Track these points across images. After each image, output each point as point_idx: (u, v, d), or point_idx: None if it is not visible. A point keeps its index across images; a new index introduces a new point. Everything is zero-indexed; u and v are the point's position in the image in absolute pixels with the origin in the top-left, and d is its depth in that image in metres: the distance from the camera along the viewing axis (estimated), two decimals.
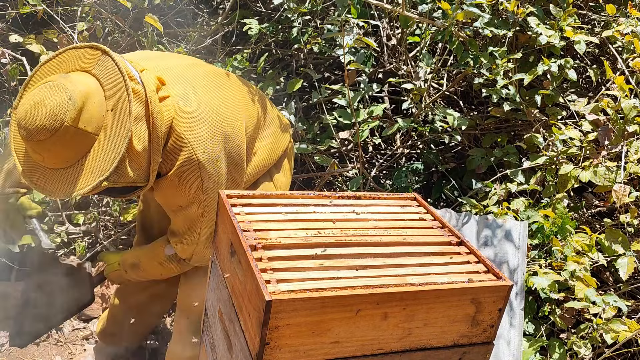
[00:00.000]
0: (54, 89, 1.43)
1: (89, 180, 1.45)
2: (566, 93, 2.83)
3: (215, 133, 1.64)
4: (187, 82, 1.68)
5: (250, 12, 3.27)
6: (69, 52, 1.54)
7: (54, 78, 1.47)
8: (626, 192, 2.19)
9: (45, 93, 1.43)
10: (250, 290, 1.14)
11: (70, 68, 1.53)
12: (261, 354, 1.11)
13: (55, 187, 1.47)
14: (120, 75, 1.47)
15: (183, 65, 1.77)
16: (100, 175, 1.44)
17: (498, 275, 1.27)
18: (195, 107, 1.63)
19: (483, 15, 2.53)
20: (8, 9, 3.12)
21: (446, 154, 3.04)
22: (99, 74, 1.50)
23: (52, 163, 1.46)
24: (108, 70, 1.48)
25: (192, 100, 1.63)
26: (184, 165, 1.61)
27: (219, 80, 1.80)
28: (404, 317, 1.19)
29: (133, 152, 1.49)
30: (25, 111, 1.43)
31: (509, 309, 2.06)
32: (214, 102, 1.68)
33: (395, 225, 1.41)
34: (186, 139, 1.60)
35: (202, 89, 1.69)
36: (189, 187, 1.64)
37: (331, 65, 3.35)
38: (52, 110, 1.40)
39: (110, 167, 1.43)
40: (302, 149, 2.71)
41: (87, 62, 1.52)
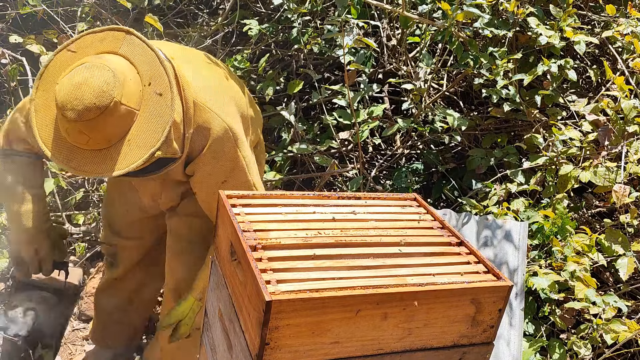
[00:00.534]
0: (93, 68, 1.44)
1: (140, 153, 1.46)
2: (566, 93, 2.83)
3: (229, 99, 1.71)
4: (189, 61, 1.72)
5: (250, 12, 3.27)
6: (86, 37, 1.55)
7: (87, 60, 1.47)
8: (626, 193, 2.19)
9: (85, 73, 1.43)
10: (250, 291, 1.14)
11: (93, 52, 1.53)
12: (261, 354, 1.11)
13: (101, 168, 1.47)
14: (151, 51, 1.50)
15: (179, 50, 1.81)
16: (152, 146, 1.46)
17: (498, 276, 1.27)
18: (205, 81, 1.68)
19: (483, 16, 2.53)
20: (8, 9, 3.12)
21: (446, 154, 3.04)
22: (127, 52, 1.52)
23: (97, 144, 1.46)
24: (136, 48, 1.51)
25: (200, 77, 1.68)
26: (217, 136, 1.64)
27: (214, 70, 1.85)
28: (404, 318, 1.19)
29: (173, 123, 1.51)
30: (68, 93, 1.42)
31: (508, 310, 2.06)
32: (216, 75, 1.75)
33: (395, 226, 1.41)
34: (210, 109, 1.63)
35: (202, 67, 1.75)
36: (227, 154, 1.67)
37: (331, 65, 3.35)
38: (99, 87, 1.41)
39: (162, 137, 1.45)
40: (302, 150, 2.71)
41: (111, 44, 1.53)
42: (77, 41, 1.55)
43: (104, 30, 1.54)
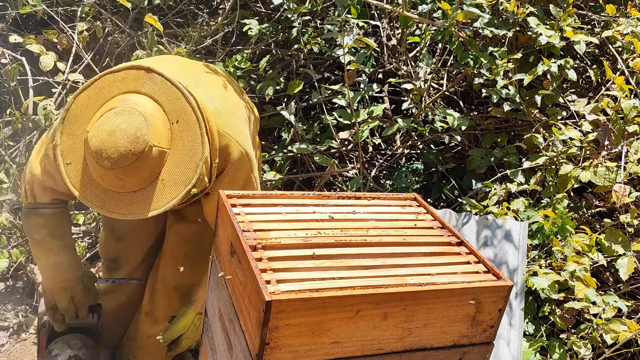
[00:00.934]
0: (124, 114, 1.45)
1: (175, 191, 1.49)
2: (566, 93, 2.83)
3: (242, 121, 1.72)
4: (198, 83, 1.71)
5: (250, 12, 3.27)
6: (105, 77, 1.56)
7: (115, 104, 1.48)
8: (626, 192, 2.19)
9: (116, 119, 1.45)
10: (250, 291, 1.14)
11: (114, 92, 1.54)
12: (261, 354, 1.11)
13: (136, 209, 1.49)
14: (174, 88, 1.52)
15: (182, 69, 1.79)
16: (187, 183, 1.48)
17: (498, 276, 1.27)
18: (220, 106, 1.68)
19: (483, 16, 2.53)
20: (8, 9, 3.12)
21: (446, 154, 3.04)
22: (150, 91, 1.53)
23: (132, 186, 1.48)
24: (159, 85, 1.53)
25: (214, 100, 1.67)
26: (236, 160, 1.65)
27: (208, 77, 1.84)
28: (404, 317, 1.19)
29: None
30: (102, 141, 1.43)
31: (508, 310, 2.06)
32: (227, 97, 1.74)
33: (395, 226, 1.41)
34: (228, 134, 1.64)
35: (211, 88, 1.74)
36: (242, 177, 1.69)
37: (331, 65, 3.35)
38: (134, 134, 1.43)
39: (196, 174, 1.48)
40: (302, 149, 2.71)
41: (133, 83, 1.54)
42: (97, 81, 1.56)
43: (123, 69, 1.56)
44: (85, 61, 2.92)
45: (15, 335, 2.58)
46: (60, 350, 1.90)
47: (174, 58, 2.01)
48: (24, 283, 2.77)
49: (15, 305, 2.69)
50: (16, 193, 2.71)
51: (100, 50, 3.15)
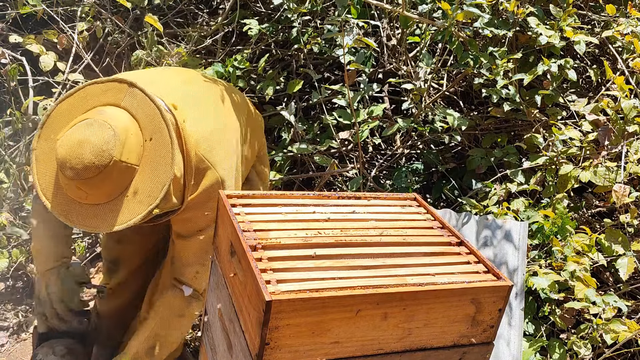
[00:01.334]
0: (95, 125, 1.44)
1: (138, 209, 1.47)
2: (566, 93, 2.83)
3: (228, 150, 1.69)
4: (195, 103, 1.70)
5: (250, 12, 3.27)
6: (89, 87, 1.56)
7: (90, 115, 1.48)
8: (626, 192, 2.19)
9: (87, 131, 1.44)
10: (250, 291, 1.14)
11: (95, 103, 1.54)
12: (261, 354, 1.11)
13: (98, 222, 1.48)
14: (153, 105, 1.50)
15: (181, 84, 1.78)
16: (150, 203, 1.46)
17: (498, 276, 1.27)
18: (208, 128, 1.66)
19: (483, 16, 2.53)
20: (8, 9, 3.12)
21: (446, 154, 3.04)
22: (129, 106, 1.52)
23: (96, 199, 1.47)
24: (138, 101, 1.51)
25: (204, 122, 1.66)
26: (209, 187, 1.64)
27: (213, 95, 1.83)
28: (404, 317, 1.19)
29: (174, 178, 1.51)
30: (68, 151, 1.43)
31: (508, 310, 2.06)
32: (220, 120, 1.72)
33: (395, 226, 1.41)
34: (208, 161, 1.63)
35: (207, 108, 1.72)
36: (211, 208, 1.66)
37: (331, 65, 3.35)
38: (99, 147, 1.42)
39: (160, 195, 1.46)
40: (302, 149, 2.70)
41: (114, 96, 1.54)
42: (81, 90, 1.56)
43: (107, 81, 1.55)
44: (85, 61, 2.92)
45: (15, 335, 2.58)
46: (43, 356, 1.88)
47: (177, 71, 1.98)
48: (24, 283, 2.77)
49: (15, 305, 2.69)
50: (16, 193, 2.71)
51: (100, 50, 3.15)
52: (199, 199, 1.64)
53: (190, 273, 1.75)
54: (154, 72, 1.98)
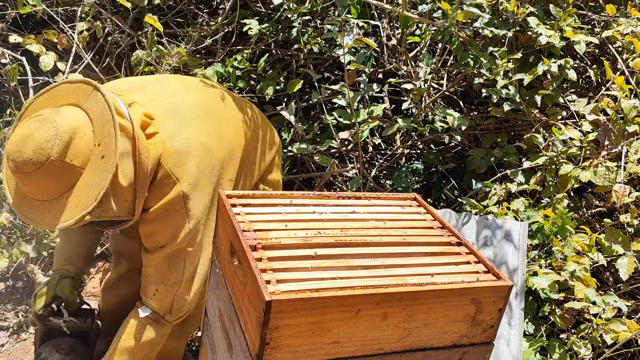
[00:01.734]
0: (42, 123, 1.46)
1: (73, 213, 1.47)
2: (566, 93, 2.83)
3: (204, 168, 1.66)
4: (177, 114, 1.68)
5: (250, 12, 3.27)
6: (62, 86, 1.58)
7: (44, 112, 1.50)
8: (626, 192, 2.19)
9: (34, 127, 1.46)
10: (250, 291, 1.14)
11: (63, 102, 1.56)
12: (261, 354, 1.11)
13: (41, 217, 1.50)
14: (108, 111, 1.49)
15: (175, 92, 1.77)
16: (84, 209, 1.46)
17: (498, 276, 1.27)
18: (183, 143, 1.64)
19: (483, 16, 2.53)
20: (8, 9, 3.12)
21: (446, 154, 3.04)
22: (88, 108, 1.53)
23: (39, 195, 1.49)
24: (98, 105, 1.51)
25: (181, 136, 1.65)
26: (170, 200, 1.63)
27: (209, 106, 1.80)
28: (404, 317, 1.19)
29: (118, 187, 1.51)
30: (14, 144, 1.46)
31: (508, 310, 2.06)
32: (202, 136, 1.69)
33: (395, 225, 1.41)
34: (174, 175, 1.62)
35: (192, 121, 1.70)
36: (172, 222, 1.65)
37: (331, 65, 3.35)
38: (39, 144, 1.43)
39: (94, 202, 1.46)
40: (302, 149, 2.70)
41: (79, 97, 1.55)
42: (55, 88, 1.58)
43: (77, 82, 1.56)
44: (85, 61, 2.92)
45: (15, 335, 2.58)
46: (48, 354, 1.88)
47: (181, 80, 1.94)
48: (24, 283, 2.77)
49: (15, 305, 2.69)
50: None
51: (100, 50, 3.16)
52: (158, 212, 1.63)
53: (150, 291, 1.73)
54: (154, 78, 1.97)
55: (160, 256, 1.69)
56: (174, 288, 1.72)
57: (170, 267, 1.70)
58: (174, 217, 1.64)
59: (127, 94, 1.66)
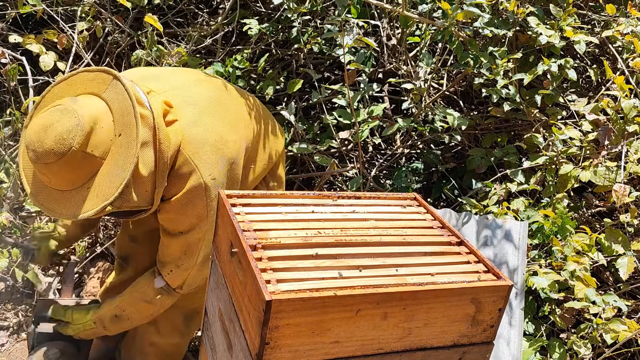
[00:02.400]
0: (63, 112, 1.45)
1: (94, 203, 1.47)
2: (566, 93, 2.83)
3: (221, 157, 1.67)
4: (195, 103, 1.69)
5: (250, 12, 3.27)
6: (80, 74, 1.57)
7: (64, 102, 1.49)
8: (626, 192, 2.19)
9: (54, 117, 1.45)
10: (250, 290, 1.14)
11: (81, 91, 1.55)
12: (261, 353, 1.11)
13: (60, 208, 1.49)
14: (129, 101, 1.49)
15: (189, 84, 1.77)
16: (105, 199, 1.46)
17: (498, 275, 1.27)
18: (202, 131, 1.64)
19: (483, 15, 2.53)
20: (8, 9, 3.11)
21: (446, 154, 3.04)
22: (108, 98, 1.52)
23: (59, 185, 1.49)
24: (118, 95, 1.50)
25: (200, 124, 1.65)
26: (191, 189, 1.62)
27: (221, 98, 1.81)
28: (404, 317, 1.19)
29: (138, 177, 1.50)
30: (34, 133, 1.45)
31: (508, 309, 2.06)
32: (219, 126, 1.69)
33: (395, 225, 1.41)
34: (194, 163, 1.61)
35: (208, 111, 1.70)
36: (193, 212, 1.65)
37: (331, 65, 3.35)
38: (61, 134, 1.42)
39: (115, 193, 1.45)
40: (302, 149, 2.70)
41: (98, 86, 1.54)
42: (73, 77, 1.57)
43: (96, 71, 1.56)
44: (85, 61, 2.92)
45: (15, 335, 2.58)
46: None
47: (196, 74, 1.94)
48: (24, 283, 2.76)
49: (15, 305, 2.69)
50: (16, 193, 2.71)
51: (100, 50, 3.15)
52: (180, 200, 1.63)
53: (166, 269, 1.76)
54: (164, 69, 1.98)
55: (180, 241, 1.71)
56: (188, 271, 1.75)
57: (187, 253, 1.72)
58: (196, 207, 1.65)
59: (143, 83, 1.65)
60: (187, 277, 1.76)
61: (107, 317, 1.84)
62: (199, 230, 1.69)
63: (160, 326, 2.05)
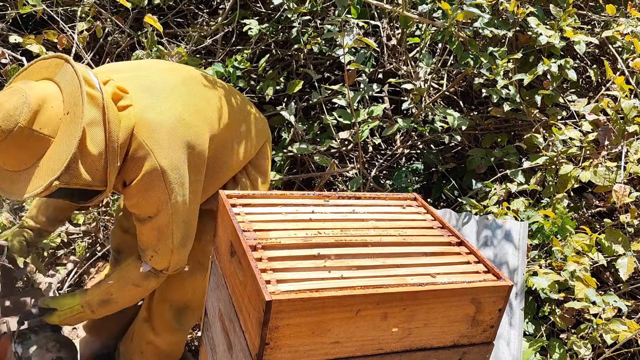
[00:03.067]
0: (12, 93, 1.50)
1: (42, 180, 1.49)
2: (566, 93, 2.84)
3: (176, 139, 1.67)
4: (154, 90, 1.71)
5: (250, 12, 3.27)
6: (38, 62, 1.62)
7: (15, 84, 1.54)
8: (626, 192, 2.19)
9: (3, 97, 1.49)
10: (250, 291, 1.14)
11: (37, 77, 1.60)
12: (261, 354, 1.11)
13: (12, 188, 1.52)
14: (77, 80, 1.52)
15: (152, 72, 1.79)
16: (52, 175, 1.48)
17: (498, 276, 1.27)
18: (157, 116, 1.66)
19: (483, 16, 2.53)
20: (8, 9, 3.12)
21: (446, 154, 3.04)
22: (59, 80, 1.56)
23: (11, 165, 1.51)
24: (68, 76, 1.55)
25: (155, 109, 1.67)
26: (147, 173, 1.64)
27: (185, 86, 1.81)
28: (404, 317, 1.19)
29: (87, 154, 1.53)
30: None
31: (508, 309, 2.06)
32: (179, 111, 1.70)
33: (395, 225, 1.41)
34: (147, 146, 1.63)
35: (169, 97, 1.72)
36: (154, 195, 1.67)
37: (331, 65, 3.35)
38: (8, 111, 1.46)
39: (62, 167, 1.47)
40: (302, 149, 2.71)
41: (52, 71, 1.59)
42: (32, 65, 1.62)
43: (50, 57, 1.61)
44: (85, 61, 2.92)
45: None
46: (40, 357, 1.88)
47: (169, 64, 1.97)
48: (24, 283, 2.76)
49: None
50: None
51: (100, 50, 3.16)
52: (139, 185, 1.66)
53: (147, 255, 1.79)
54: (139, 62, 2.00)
55: (150, 226, 1.73)
56: (168, 254, 1.77)
57: (160, 238, 1.74)
58: (155, 191, 1.67)
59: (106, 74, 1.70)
60: (169, 260, 1.79)
61: (95, 301, 1.87)
62: (165, 213, 1.70)
63: (155, 324, 2.06)
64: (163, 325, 2.05)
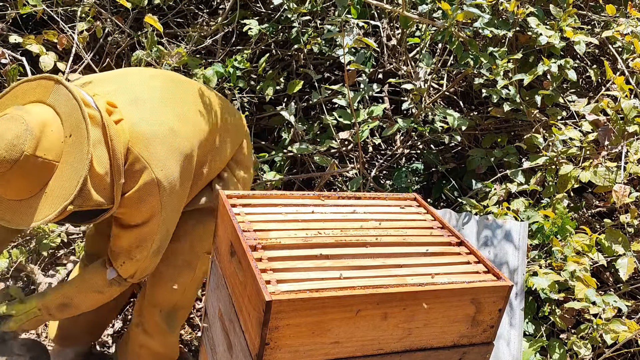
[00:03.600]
0: (10, 121, 1.45)
1: (54, 205, 1.46)
2: (566, 93, 2.84)
3: (171, 150, 1.67)
4: (141, 101, 1.70)
5: (250, 12, 3.27)
6: (22, 85, 1.58)
7: (9, 111, 1.49)
8: (626, 193, 2.19)
9: (1, 126, 1.44)
10: (250, 291, 1.14)
11: (25, 100, 1.55)
12: (261, 354, 1.11)
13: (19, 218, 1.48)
14: (74, 102, 1.50)
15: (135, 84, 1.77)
16: (65, 199, 1.45)
17: (498, 276, 1.27)
18: (148, 128, 1.65)
19: (483, 16, 2.53)
20: (8, 9, 3.12)
21: (446, 154, 3.04)
22: (53, 102, 1.52)
23: (15, 194, 1.48)
24: (62, 98, 1.51)
25: (146, 121, 1.66)
26: (144, 185, 1.63)
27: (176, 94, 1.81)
28: (404, 317, 1.19)
29: (95, 174, 1.51)
30: None
31: (508, 309, 2.06)
32: (169, 120, 1.70)
33: (395, 226, 1.41)
34: (144, 159, 1.62)
35: (157, 107, 1.71)
36: (147, 207, 1.66)
37: (331, 65, 3.35)
38: (10, 141, 1.42)
39: (74, 191, 1.45)
40: (302, 149, 2.70)
41: (42, 93, 1.55)
42: (15, 89, 1.57)
43: (37, 79, 1.56)
44: (85, 61, 2.92)
45: None
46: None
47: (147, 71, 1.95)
48: (24, 283, 2.76)
49: None
50: None
51: (100, 50, 3.15)
52: (134, 196, 1.64)
53: (119, 261, 1.77)
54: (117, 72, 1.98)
55: (133, 234, 1.71)
56: (138, 263, 1.76)
57: (139, 246, 1.73)
58: (149, 202, 1.66)
59: (89, 88, 1.67)
60: (139, 267, 1.77)
61: (54, 305, 1.83)
62: (152, 223, 1.70)
63: (147, 327, 2.06)
64: (155, 329, 2.04)
